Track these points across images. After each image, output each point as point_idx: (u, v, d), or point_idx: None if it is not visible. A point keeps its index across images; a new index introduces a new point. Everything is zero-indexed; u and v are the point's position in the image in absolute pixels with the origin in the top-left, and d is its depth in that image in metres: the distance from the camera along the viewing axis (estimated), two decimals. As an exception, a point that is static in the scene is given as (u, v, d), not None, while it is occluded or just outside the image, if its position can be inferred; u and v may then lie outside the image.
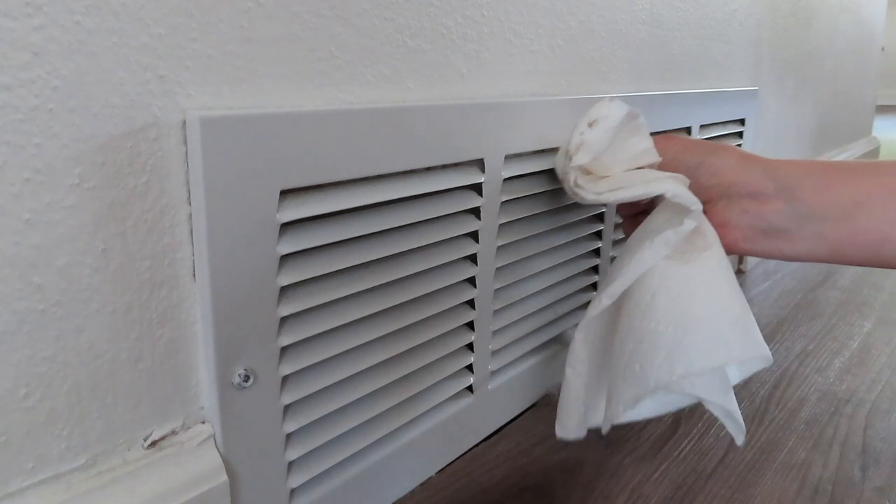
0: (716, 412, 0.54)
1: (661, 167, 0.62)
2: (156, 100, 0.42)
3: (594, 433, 0.61)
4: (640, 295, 0.54)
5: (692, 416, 0.80)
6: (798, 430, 0.78)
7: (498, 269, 0.69)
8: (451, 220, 0.63)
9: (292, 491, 0.54)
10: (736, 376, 0.57)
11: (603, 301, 0.56)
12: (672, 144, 0.63)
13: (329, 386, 0.55)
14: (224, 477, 0.48)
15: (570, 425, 0.61)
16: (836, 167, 0.57)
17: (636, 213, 0.68)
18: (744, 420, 0.53)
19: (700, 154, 0.61)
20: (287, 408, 0.52)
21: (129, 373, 0.44)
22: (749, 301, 0.79)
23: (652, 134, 0.63)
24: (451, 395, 0.68)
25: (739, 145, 1.19)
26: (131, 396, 0.45)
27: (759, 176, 0.58)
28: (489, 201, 0.65)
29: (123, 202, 0.42)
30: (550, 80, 0.74)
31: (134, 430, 0.46)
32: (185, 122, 0.43)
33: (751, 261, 1.42)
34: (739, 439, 0.54)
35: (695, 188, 0.58)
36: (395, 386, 0.61)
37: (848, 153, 2.20)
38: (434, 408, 0.67)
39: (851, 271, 1.41)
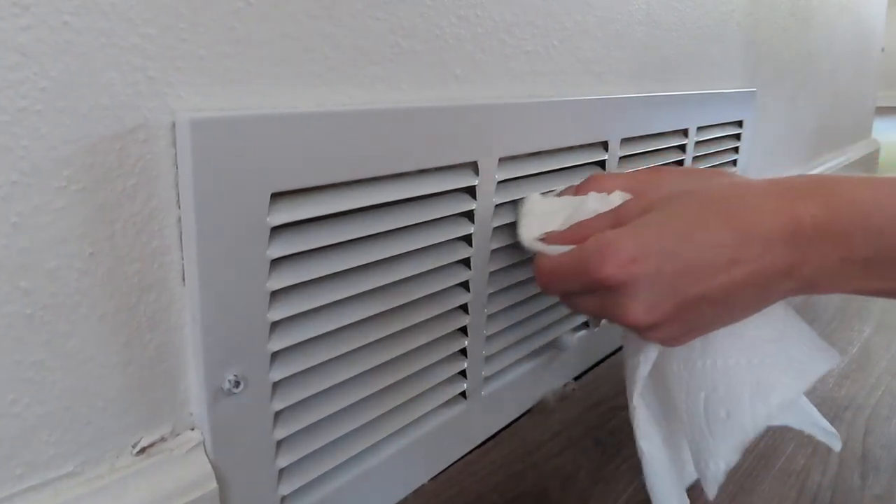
0: (807, 429, 0.53)
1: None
2: (145, 101, 0.42)
3: (590, 437, 0.61)
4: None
5: (689, 423, 0.81)
6: (797, 436, 0.79)
7: (492, 272, 0.69)
8: (445, 224, 0.63)
9: (283, 498, 0.54)
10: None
11: (650, 355, 0.55)
12: (662, 178, 0.60)
13: (320, 392, 0.55)
14: (214, 484, 0.48)
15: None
16: (832, 179, 0.56)
17: None
18: None
19: (695, 182, 0.58)
20: (278, 414, 0.52)
21: (117, 378, 0.45)
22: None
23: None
24: (444, 401, 0.69)
25: (737, 148, 1.20)
26: (120, 402, 0.45)
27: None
28: (483, 204, 0.65)
29: (112, 205, 0.42)
30: (546, 82, 0.75)
31: (123, 437, 0.46)
32: (174, 124, 0.43)
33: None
34: (837, 446, 0.53)
35: None
36: (388, 392, 0.61)
37: (847, 155, 2.20)
38: (427, 414, 0.67)
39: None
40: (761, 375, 0.49)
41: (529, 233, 0.60)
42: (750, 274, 0.47)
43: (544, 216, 0.60)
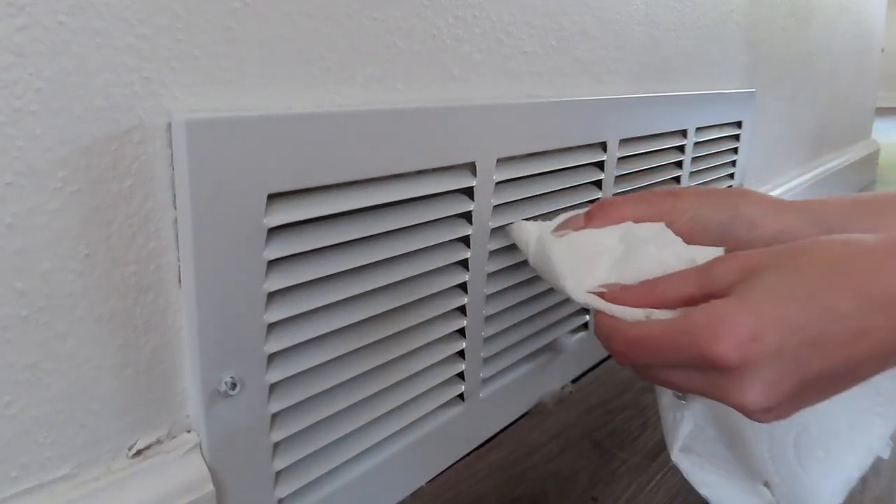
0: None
1: (683, 229, 0.54)
2: (141, 102, 0.42)
3: (589, 440, 0.61)
4: None
5: (688, 425, 0.81)
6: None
7: (490, 274, 0.70)
8: (443, 225, 0.63)
9: (280, 501, 0.54)
10: None
11: (696, 410, 0.53)
12: (683, 202, 0.56)
13: (317, 394, 0.55)
14: (210, 487, 0.48)
15: None
16: (876, 202, 0.54)
17: None
18: None
19: (725, 206, 0.55)
20: (274, 416, 0.52)
21: (113, 380, 0.45)
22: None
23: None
24: (441, 403, 0.69)
25: (736, 149, 1.20)
26: (116, 404, 0.45)
27: (803, 221, 0.54)
28: (481, 205, 0.65)
29: (108, 206, 0.42)
30: (544, 82, 0.75)
31: (118, 439, 0.46)
32: (170, 125, 0.44)
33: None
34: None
35: (729, 244, 0.52)
36: (385, 394, 0.62)
37: (847, 156, 2.21)
38: (424, 416, 0.67)
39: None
40: (854, 410, 0.48)
41: (580, 284, 0.51)
42: (876, 345, 0.43)
43: (585, 260, 0.53)
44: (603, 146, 0.81)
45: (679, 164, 1.02)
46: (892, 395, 0.48)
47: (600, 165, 0.82)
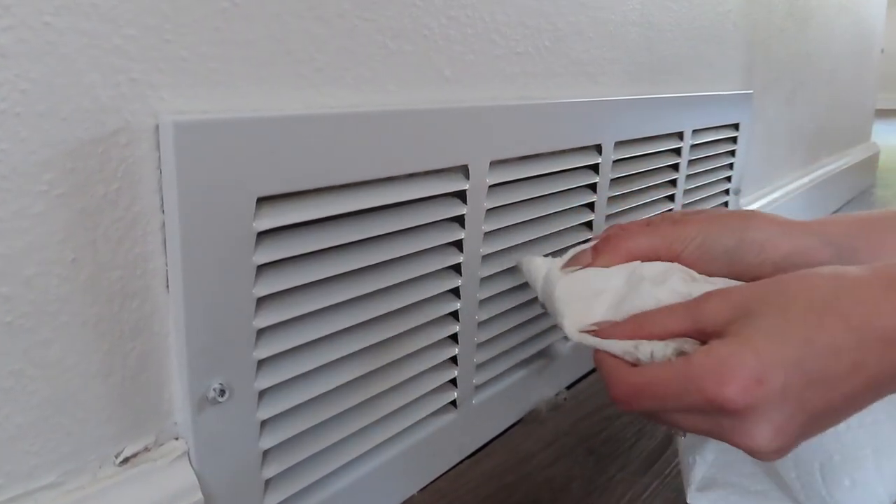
0: None
1: (692, 257, 0.55)
2: (128, 103, 0.42)
3: (583, 447, 0.61)
4: None
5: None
6: (794, 445, 0.79)
7: (483, 279, 0.70)
8: (434, 229, 0.63)
9: (269, 510, 0.54)
10: None
11: (707, 458, 0.54)
12: (689, 229, 0.56)
13: (307, 401, 0.55)
14: (199, 495, 0.48)
15: None
16: (884, 220, 0.54)
17: None
18: None
19: (732, 231, 0.55)
20: (264, 423, 0.52)
21: (99, 387, 0.45)
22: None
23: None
24: (433, 410, 0.69)
25: (733, 151, 1.21)
26: (102, 412, 0.45)
27: (812, 241, 0.54)
28: (474, 209, 0.66)
29: (94, 210, 0.42)
30: (537, 83, 0.75)
31: (105, 447, 0.46)
32: (157, 127, 0.44)
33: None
34: None
35: (739, 268, 0.54)
36: (376, 401, 0.62)
37: (846, 159, 2.22)
38: (416, 424, 0.68)
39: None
40: (879, 438, 0.48)
41: (573, 322, 0.52)
42: (871, 378, 0.43)
43: (587, 297, 0.54)
44: (598, 149, 0.82)
45: (675, 167, 1.02)
46: None
47: (595, 168, 0.82)
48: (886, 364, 0.43)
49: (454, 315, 0.68)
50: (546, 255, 0.62)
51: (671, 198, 1.04)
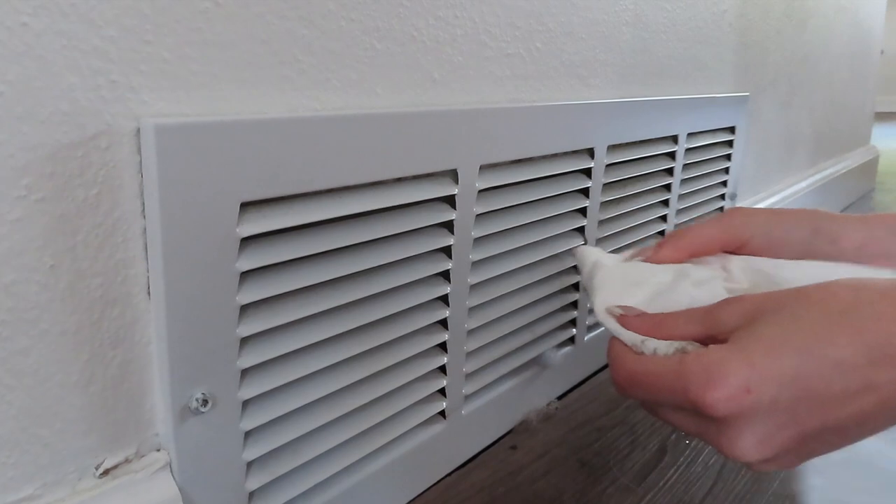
0: None
1: (759, 248, 0.56)
2: (108, 106, 0.42)
3: (575, 459, 0.62)
4: None
5: (679, 443, 0.82)
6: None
7: (472, 286, 0.70)
8: (423, 235, 0.64)
9: (253, 524, 0.54)
10: None
11: None
12: (756, 220, 0.57)
13: (292, 411, 0.55)
14: (180, 508, 0.48)
15: None
16: None
17: None
18: None
19: (804, 223, 0.56)
20: (247, 434, 0.53)
21: (79, 397, 0.45)
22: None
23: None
24: (422, 420, 0.69)
25: (729, 155, 1.21)
26: (82, 422, 0.45)
27: (882, 232, 0.54)
28: (463, 214, 0.66)
29: (73, 215, 0.42)
30: (528, 86, 0.76)
31: (85, 458, 0.46)
32: (138, 130, 0.44)
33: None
34: None
35: (815, 258, 0.54)
36: (363, 411, 0.62)
37: (845, 163, 2.23)
38: (404, 434, 0.68)
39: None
40: None
41: (604, 300, 0.54)
42: (884, 399, 0.42)
43: (626, 284, 0.55)
44: (590, 152, 0.82)
45: (670, 172, 1.03)
46: None
47: (588, 173, 0.83)
48: None
49: (443, 323, 0.69)
50: (545, 258, 0.63)
51: (665, 203, 1.04)
